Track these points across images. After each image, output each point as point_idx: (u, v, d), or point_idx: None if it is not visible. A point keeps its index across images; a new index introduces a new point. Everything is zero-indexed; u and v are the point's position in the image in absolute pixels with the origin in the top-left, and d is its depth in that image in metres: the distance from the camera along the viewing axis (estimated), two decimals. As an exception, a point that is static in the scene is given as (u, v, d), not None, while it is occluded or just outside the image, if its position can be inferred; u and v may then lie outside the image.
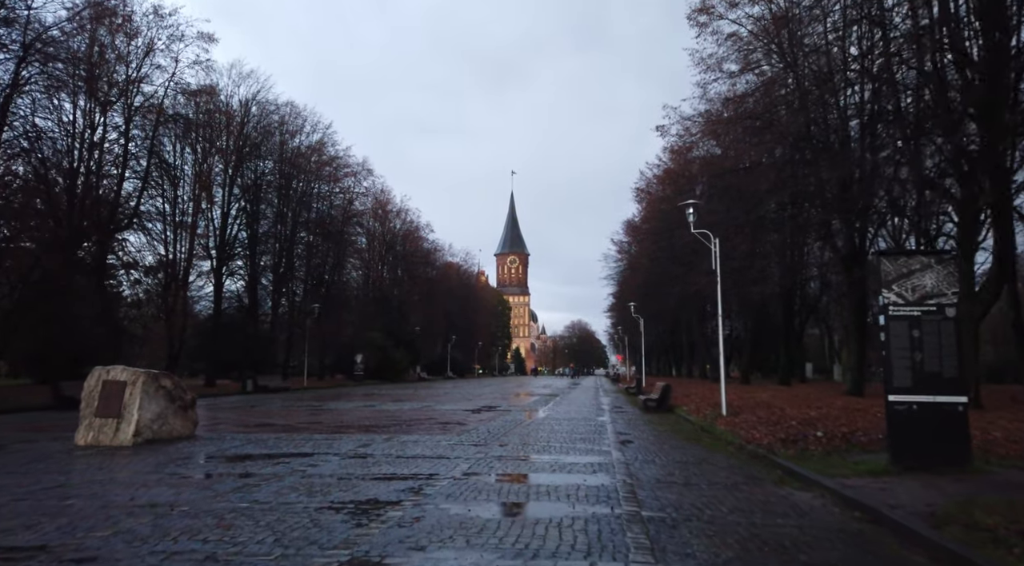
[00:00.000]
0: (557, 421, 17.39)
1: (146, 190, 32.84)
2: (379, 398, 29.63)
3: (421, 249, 78.30)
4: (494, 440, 12.79)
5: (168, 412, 12.11)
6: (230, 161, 41.82)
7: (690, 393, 26.00)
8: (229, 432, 13.99)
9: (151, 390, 11.81)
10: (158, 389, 11.97)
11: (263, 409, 22.30)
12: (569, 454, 10.84)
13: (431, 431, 14.51)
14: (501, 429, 15.02)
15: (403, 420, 17.49)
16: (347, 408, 22.52)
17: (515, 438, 13.21)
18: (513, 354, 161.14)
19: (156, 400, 11.90)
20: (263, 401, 27.34)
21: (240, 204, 43.18)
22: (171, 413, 12.17)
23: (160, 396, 11.99)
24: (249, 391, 35.59)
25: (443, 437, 13.26)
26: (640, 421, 18.01)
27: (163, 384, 12.09)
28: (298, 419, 17.83)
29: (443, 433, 14.11)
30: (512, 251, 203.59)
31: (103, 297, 32.75)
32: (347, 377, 57.02)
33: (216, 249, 41.69)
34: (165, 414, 12.05)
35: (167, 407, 12.10)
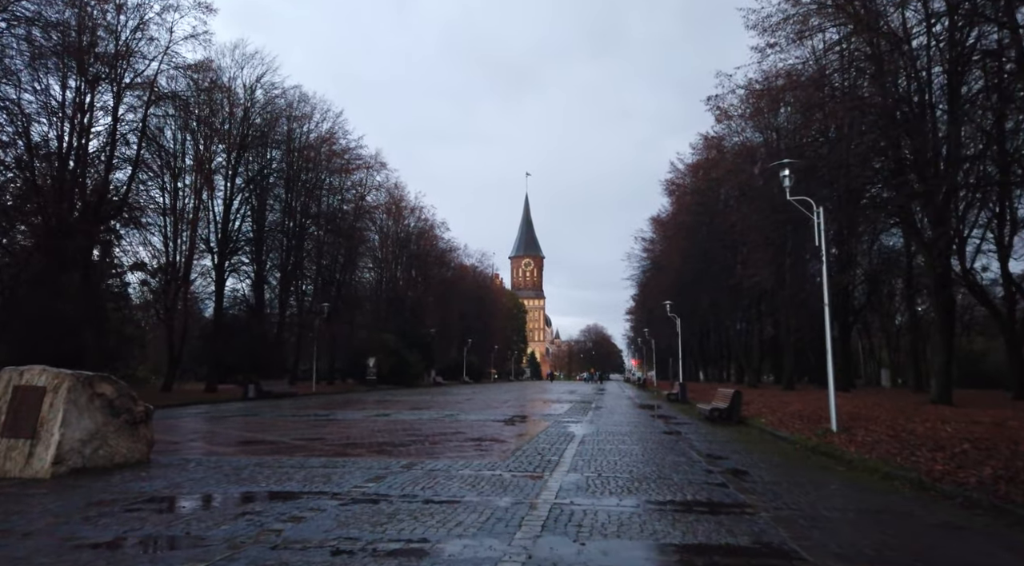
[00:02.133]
0: (615, 436, 13.95)
1: (137, 175, 29.70)
2: (394, 405, 26.31)
3: (436, 249, 75.09)
4: (552, 466, 9.39)
5: (107, 430, 8.81)
6: (233, 148, 38.76)
7: (752, 401, 22.42)
8: (199, 454, 10.68)
9: (81, 400, 8.50)
10: (92, 398, 8.67)
11: (259, 420, 19.01)
12: (675, 492, 7.43)
13: (464, 452, 11.12)
14: (551, 448, 11.60)
15: (425, 435, 14.11)
16: (357, 418, 19.19)
17: (581, 463, 9.79)
18: (528, 359, 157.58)
19: (89, 414, 8.60)
20: (263, 409, 24.10)
21: (244, 195, 40.11)
22: (112, 432, 8.86)
23: (96, 408, 8.69)
24: (251, 397, 32.40)
25: (482, 462, 9.87)
26: (719, 437, 14.51)
27: (100, 391, 8.79)
28: (296, 433, 14.51)
29: (480, 455, 10.72)
30: (527, 254, 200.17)
31: (92, 296, 29.68)
32: (359, 382, 53.80)
33: (218, 243, 38.60)
34: (103, 433, 8.74)
35: (106, 423, 8.79)
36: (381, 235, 63.09)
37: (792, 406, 19.20)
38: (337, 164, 49.86)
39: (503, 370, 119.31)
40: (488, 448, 11.75)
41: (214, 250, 38.75)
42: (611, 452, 11.21)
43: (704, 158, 50.20)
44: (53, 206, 30.55)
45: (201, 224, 39.48)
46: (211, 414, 21.44)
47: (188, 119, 34.19)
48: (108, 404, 8.84)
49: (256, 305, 45.03)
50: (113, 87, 28.62)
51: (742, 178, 38.25)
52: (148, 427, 9.47)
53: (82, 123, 29.64)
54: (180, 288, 40.04)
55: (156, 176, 33.74)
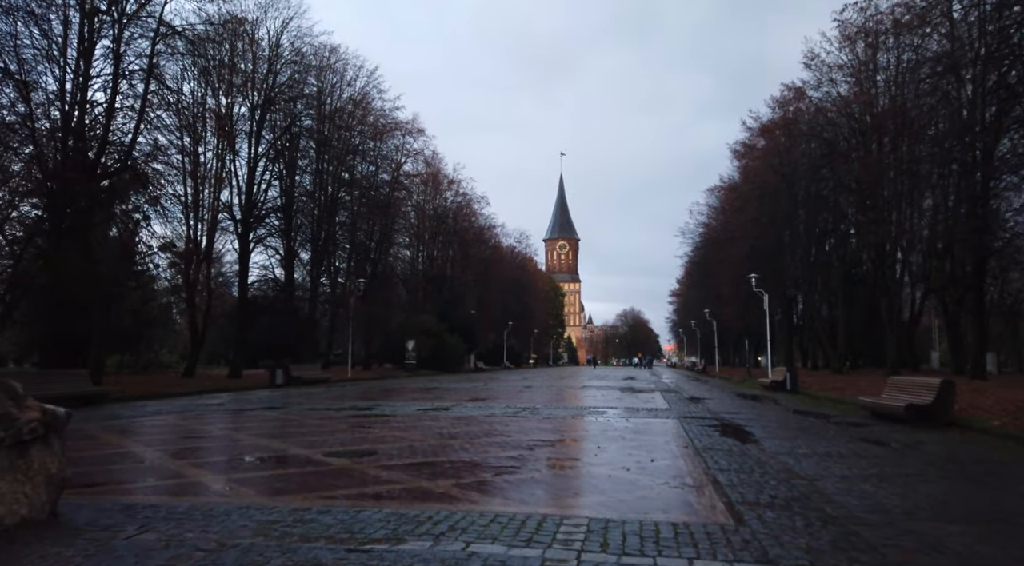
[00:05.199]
0: (831, 458, 9.10)
1: (144, 126, 25.37)
2: (446, 395, 21.72)
3: (474, 225, 70.44)
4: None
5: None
6: (257, 105, 34.40)
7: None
8: (162, 495, 6.10)
9: None
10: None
11: (284, 415, 14.52)
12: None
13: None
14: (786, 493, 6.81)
15: (529, 445, 9.41)
16: (409, 414, 14.59)
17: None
18: (565, 344, 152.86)
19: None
20: (292, 399, 19.70)
21: (270, 156, 35.75)
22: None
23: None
24: (279, 384, 28.19)
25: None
26: (999, 459, 9.53)
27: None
28: (333, 440, 9.93)
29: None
30: (562, 236, 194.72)
31: (92, 269, 25.54)
32: (396, 367, 49.58)
33: (242, 211, 34.35)
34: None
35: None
36: (418, 209, 58.60)
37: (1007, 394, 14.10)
38: (371, 127, 45.30)
39: (541, 355, 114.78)
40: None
41: (237, 219, 34.51)
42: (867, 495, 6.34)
43: (781, 116, 44.66)
44: (57, 164, 26.52)
45: (222, 191, 35.35)
46: (226, 407, 17.06)
47: (205, 65, 29.79)
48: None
49: (285, 282, 40.91)
50: (113, 19, 24.26)
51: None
52: (50, 452, 4.89)
53: (79, 66, 25.45)
54: (202, 262, 36.02)
55: (168, 130, 29.46)
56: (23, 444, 4.67)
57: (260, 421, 13.21)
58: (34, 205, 33.02)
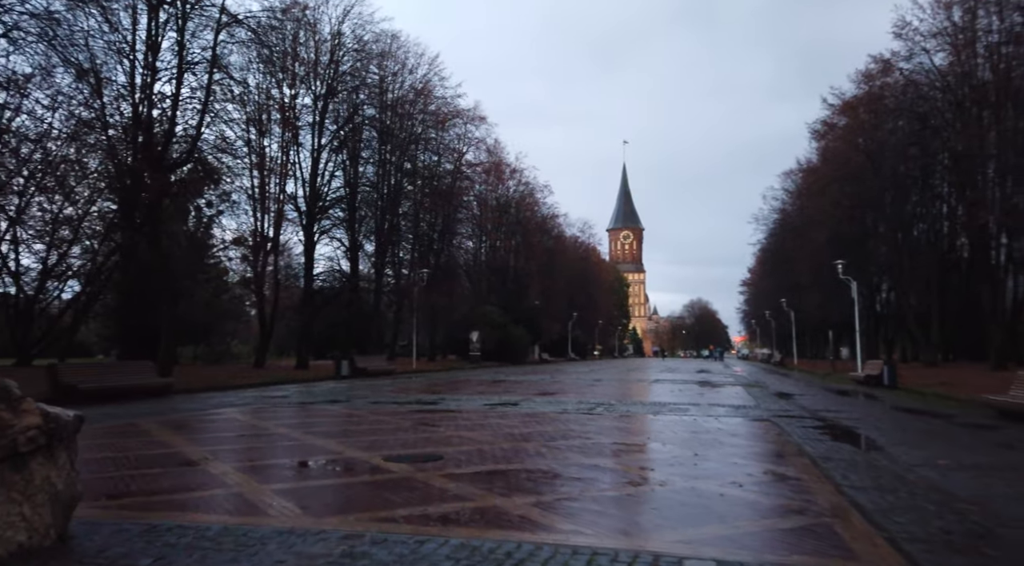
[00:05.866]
0: None
1: (210, 113, 25.28)
2: (513, 389, 20.74)
3: (537, 215, 69.29)
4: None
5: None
6: (319, 95, 34.22)
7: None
8: (175, 514, 5.25)
9: None
10: None
11: (347, 410, 13.82)
12: None
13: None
14: None
15: (629, 472, 8.27)
16: (476, 410, 13.63)
17: None
18: (630, 335, 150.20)
19: None
20: (357, 391, 19.12)
21: (333, 146, 35.55)
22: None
23: None
24: (345, 375, 27.91)
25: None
26: None
27: None
28: (395, 441, 9.04)
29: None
30: (626, 226, 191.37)
31: (161, 261, 25.69)
32: (461, 358, 49.12)
33: (306, 202, 34.29)
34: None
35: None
36: (480, 198, 57.86)
37: None
38: (433, 115, 44.68)
39: (606, 346, 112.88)
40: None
41: (302, 210, 34.49)
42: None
43: (866, 91, 41.71)
44: (130, 161, 26.87)
45: (287, 183, 35.42)
46: (289, 400, 16.55)
47: (269, 56, 29.62)
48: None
49: (350, 274, 40.86)
50: (177, 11, 24.22)
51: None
52: (54, 465, 4.06)
53: (147, 59, 25.63)
54: (269, 254, 36.25)
55: (235, 123, 29.51)
56: (19, 457, 3.85)
57: (321, 416, 12.51)
58: (109, 200, 33.88)
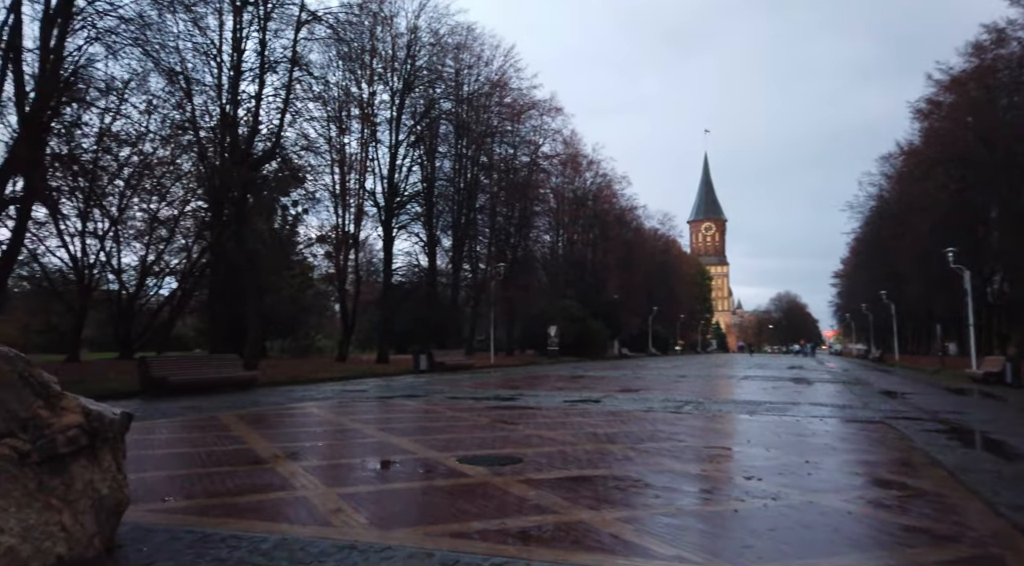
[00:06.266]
0: None
1: (291, 112, 25.69)
2: (594, 385, 19.98)
3: (615, 207, 67.91)
4: None
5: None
6: (397, 87, 34.40)
7: None
8: (233, 520, 4.83)
9: None
10: None
11: (414, 408, 13.49)
12: None
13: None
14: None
15: (731, 483, 7.44)
16: (555, 407, 13.00)
17: None
18: (713, 329, 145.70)
19: None
20: (435, 385, 18.88)
21: (410, 140, 35.68)
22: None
23: None
24: (423, 369, 27.88)
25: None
26: None
27: None
28: (471, 441, 8.53)
29: None
30: (708, 217, 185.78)
31: (247, 261, 26.31)
32: (539, 353, 48.58)
33: (384, 197, 34.57)
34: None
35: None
36: (557, 191, 57.11)
37: None
38: (508, 108, 44.25)
39: (688, 341, 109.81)
40: None
41: (380, 205, 34.80)
42: None
43: (977, 66, 38.37)
44: (219, 161, 27.77)
45: (366, 179, 35.82)
46: (368, 394, 16.43)
47: (347, 52, 29.93)
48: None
49: (428, 268, 41.08)
50: (260, 9, 24.69)
51: None
52: (98, 468, 3.70)
53: (233, 59, 26.34)
54: (350, 249, 36.84)
55: (317, 121, 29.99)
56: (59, 459, 3.50)
57: (397, 412, 12.20)
58: (202, 200, 35.26)
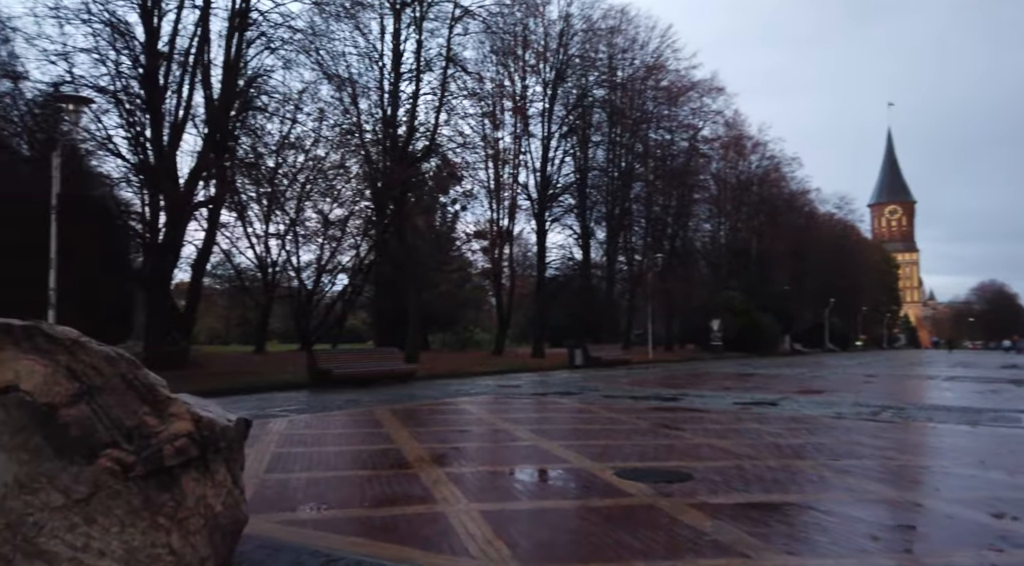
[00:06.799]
0: None
1: (446, 109, 26.05)
2: (767, 384, 18.10)
3: (785, 191, 62.91)
4: None
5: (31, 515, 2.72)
6: (549, 78, 33.96)
7: None
8: (363, 542, 4.31)
9: None
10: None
11: (568, 407, 12.74)
12: None
13: None
14: None
15: (979, 526, 5.98)
16: (725, 409, 11.67)
17: None
18: (901, 323, 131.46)
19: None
20: (589, 382, 18.10)
21: (563, 131, 35.12)
22: (52, 518, 2.77)
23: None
24: (578, 365, 27.20)
25: None
26: None
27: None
28: (629, 448, 7.63)
29: None
30: (892, 199, 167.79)
31: (407, 256, 27.06)
32: (700, 348, 46.12)
33: (537, 190, 34.32)
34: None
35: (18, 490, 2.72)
36: (718, 176, 53.87)
37: None
38: (665, 91, 42.23)
39: (872, 335, 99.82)
40: None
41: (533, 199, 34.61)
42: None
43: None
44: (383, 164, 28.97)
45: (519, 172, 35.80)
46: (521, 390, 16.02)
47: (500, 46, 29.98)
48: (28, 419, 2.78)
49: (582, 261, 40.35)
50: (417, 10, 25.24)
51: None
52: (211, 482, 3.27)
53: (394, 60, 27.22)
54: (505, 243, 37.09)
55: (468, 116, 30.36)
56: (167, 472, 3.13)
57: (551, 411, 11.56)
58: (368, 200, 37.07)
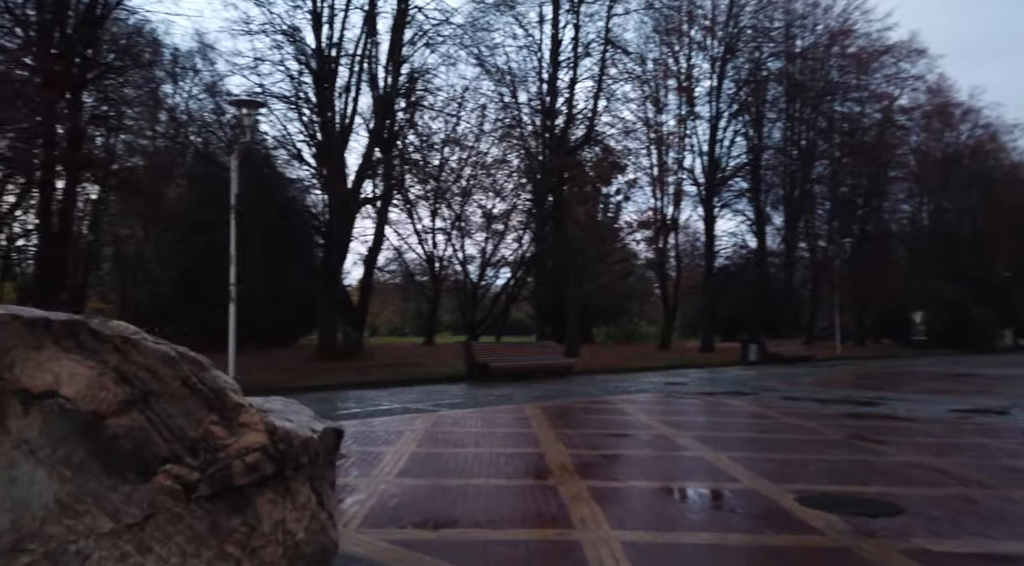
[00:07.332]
0: None
1: (605, 93, 25.14)
2: (985, 387, 15.14)
3: (1004, 163, 54.20)
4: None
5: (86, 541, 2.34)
6: (718, 53, 31.74)
7: None
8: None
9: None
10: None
11: (739, 410, 11.35)
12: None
13: None
14: None
15: None
16: (932, 424, 9.70)
17: None
18: None
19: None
20: (761, 383, 16.34)
21: (732, 109, 32.66)
22: (101, 544, 2.37)
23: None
24: (752, 360, 25.08)
25: None
26: None
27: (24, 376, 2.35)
28: (796, 467, 6.36)
29: None
30: None
31: (566, 248, 26.50)
32: (898, 343, 41.08)
33: (704, 174, 32.25)
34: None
35: (59, 512, 2.34)
36: (919, 150, 47.50)
37: None
38: (853, 58, 37.84)
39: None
40: None
41: (700, 184, 32.59)
42: None
43: None
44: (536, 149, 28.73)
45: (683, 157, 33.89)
46: (688, 388, 14.79)
47: (664, 24, 28.45)
48: (69, 432, 2.39)
49: (757, 248, 37.44)
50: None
51: None
52: (291, 503, 2.77)
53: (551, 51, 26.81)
54: (669, 232, 35.36)
55: (629, 101, 29.20)
56: (237, 492, 2.67)
57: (719, 414, 10.35)
58: (529, 193, 37.11)
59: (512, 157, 33.61)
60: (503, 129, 31.18)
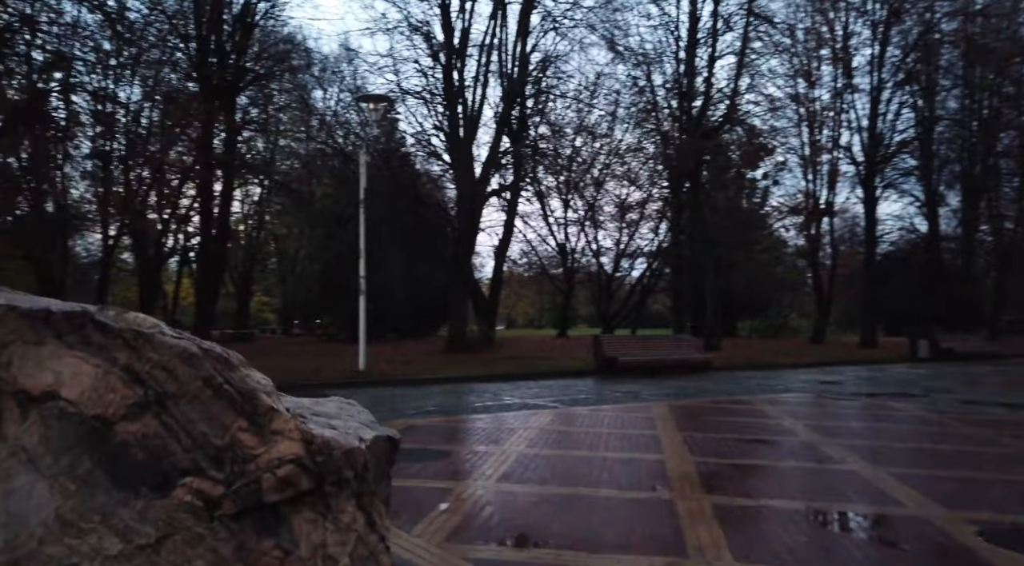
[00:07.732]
0: None
1: (746, 69, 23.26)
2: None
3: None
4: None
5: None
6: (880, 17, 28.53)
7: None
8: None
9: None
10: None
11: (904, 416, 9.84)
12: None
13: None
14: None
15: None
16: None
17: None
18: None
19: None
20: (933, 383, 14.27)
21: (897, 78, 29.21)
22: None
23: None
24: (922, 358, 22.33)
25: None
26: None
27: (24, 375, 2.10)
28: (972, 488, 5.15)
29: None
30: None
31: (704, 235, 24.92)
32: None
33: (864, 152, 29.15)
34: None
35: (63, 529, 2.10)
36: None
37: None
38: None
39: None
40: None
41: (859, 163, 29.52)
42: None
43: None
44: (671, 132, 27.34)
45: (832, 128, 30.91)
46: (842, 388, 13.26)
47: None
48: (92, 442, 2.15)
49: (928, 233, 33.41)
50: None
51: None
52: (334, 524, 2.38)
53: (689, 28, 25.31)
54: (823, 217, 32.46)
55: (776, 76, 26.94)
56: (270, 510, 2.33)
57: (879, 420, 9.02)
58: (665, 180, 35.59)
59: (647, 144, 32.31)
60: (638, 114, 30.06)
